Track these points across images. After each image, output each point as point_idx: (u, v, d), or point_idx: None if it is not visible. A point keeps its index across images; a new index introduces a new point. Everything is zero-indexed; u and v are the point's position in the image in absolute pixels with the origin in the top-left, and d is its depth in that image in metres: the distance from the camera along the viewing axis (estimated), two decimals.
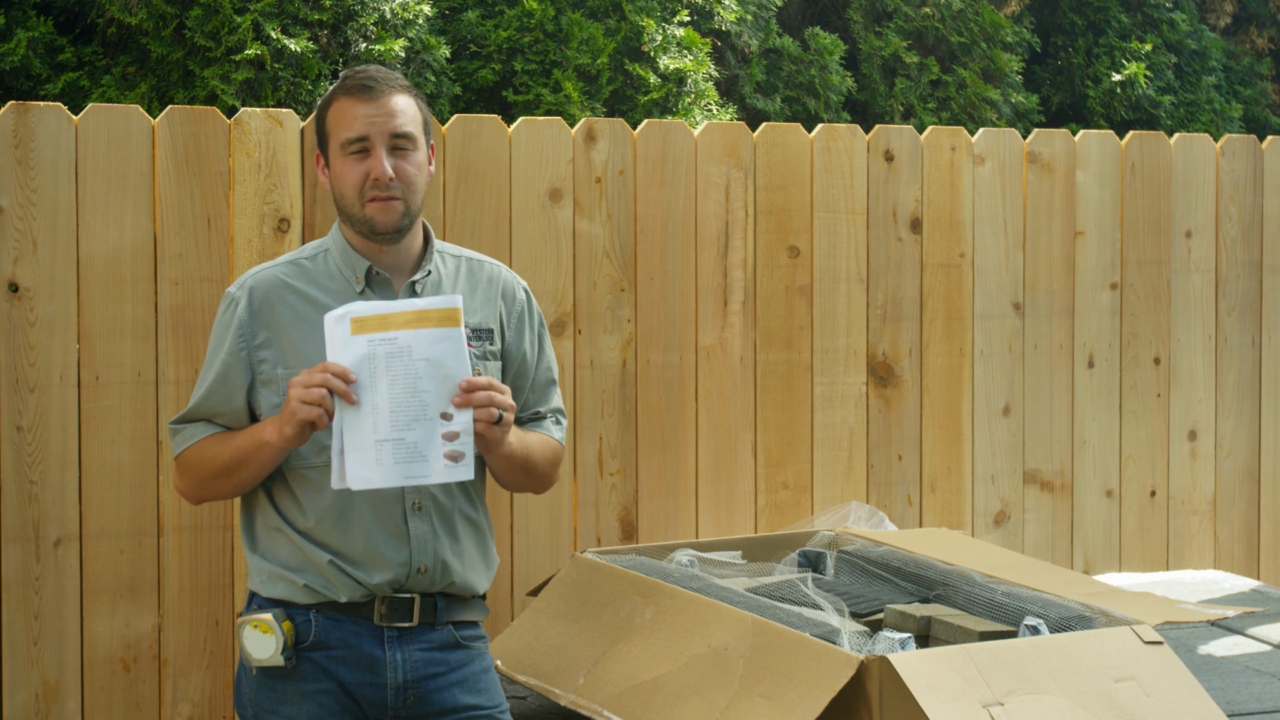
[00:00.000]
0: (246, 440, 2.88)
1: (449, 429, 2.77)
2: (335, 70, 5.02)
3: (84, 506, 3.72)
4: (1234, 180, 5.04)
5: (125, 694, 3.76)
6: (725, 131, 4.36)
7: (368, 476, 2.76)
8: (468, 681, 3.00)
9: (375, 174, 2.89)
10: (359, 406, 2.74)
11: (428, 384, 2.75)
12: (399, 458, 2.75)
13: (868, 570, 3.85)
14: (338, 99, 2.94)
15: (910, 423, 4.59)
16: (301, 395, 2.74)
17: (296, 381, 2.76)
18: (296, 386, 2.75)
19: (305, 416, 2.74)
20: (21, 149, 3.65)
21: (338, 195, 2.96)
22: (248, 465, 2.89)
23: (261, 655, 2.90)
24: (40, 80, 5.05)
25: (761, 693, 3.12)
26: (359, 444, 2.75)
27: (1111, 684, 3.11)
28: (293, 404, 2.75)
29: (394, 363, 2.74)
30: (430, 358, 2.76)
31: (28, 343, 3.67)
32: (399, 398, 2.74)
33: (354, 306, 2.77)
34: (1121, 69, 6.57)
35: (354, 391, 2.73)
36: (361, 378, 2.74)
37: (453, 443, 2.77)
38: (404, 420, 2.75)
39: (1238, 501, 5.06)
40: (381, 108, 2.90)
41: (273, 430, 2.81)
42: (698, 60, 5.53)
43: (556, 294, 4.15)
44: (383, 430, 2.74)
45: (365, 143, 2.90)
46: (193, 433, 2.96)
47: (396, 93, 2.92)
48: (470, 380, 2.77)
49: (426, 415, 2.75)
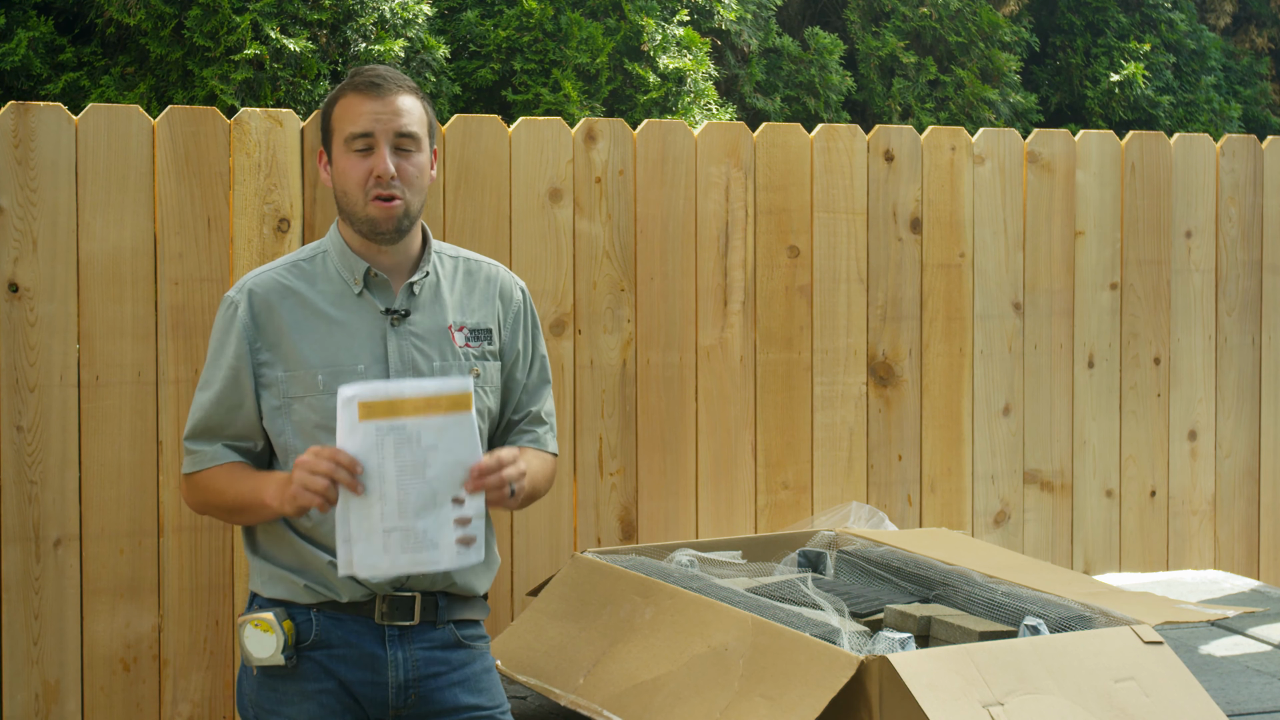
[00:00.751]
0: (249, 493, 2.88)
1: (461, 514, 2.74)
2: (335, 70, 5.02)
3: (84, 506, 3.71)
4: (1234, 180, 5.04)
5: (125, 694, 3.76)
6: (725, 131, 4.36)
7: (375, 564, 2.72)
8: (469, 681, 3.00)
9: (378, 171, 2.89)
10: (366, 495, 2.69)
11: (437, 471, 2.70)
12: (407, 546, 2.70)
13: (868, 570, 3.85)
14: (345, 95, 2.94)
15: (910, 423, 4.60)
16: (305, 481, 2.71)
17: (303, 463, 2.72)
18: (302, 469, 2.72)
19: (305, 503, 2.73)
20: (21, 149, 3.65)
21: (339, 192, 2.96)
22: (246, 514, 2.92)
23: (262, 654, 2.90)
24: (40, 80, 5.05)
25: (761, 693, 3.12)
26: (366, 531, 2.70)
27: (1111, 684, 3.11)
28: (294, 487, 2.73)
29: (403, 450, 2.69)
30: (440, 445, 2.70)
31: (28, 343, 3.67)
32: (408, 486, 2.69)
33: (362, 389, 2.71)
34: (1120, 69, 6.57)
35: (361, 482, 2.69)
36: (369, 465, 2.69)
37: (464, 528, 2.75)
38: (412, 509, 2.70)
39: (1238, 501, 5.06)
40: (388, 106, 2.91)
41: (274, 496, 2.81)
42: (697, 60, 5.53)
43: (556, 294, 4.15)
44: (390, 519, 2.70)
45: (370, 139, 2.90)
46: (206, 457, 2.94)
47: (404, 93, 2.93)
48: (480, 466, 2.74)
49: (436, 503, 2.71)
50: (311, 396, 2.90)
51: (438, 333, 2.99)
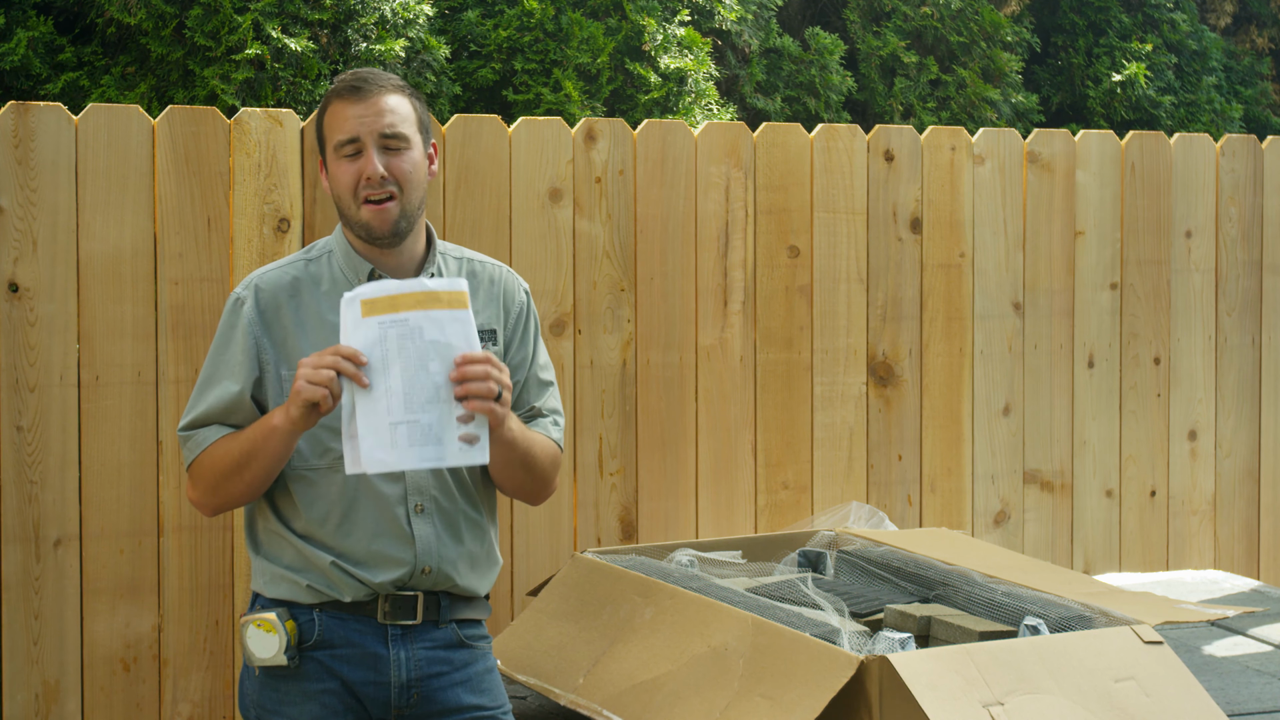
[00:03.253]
0: (255, 430, 2.85)
1: (463, 412, 2.73)
2: (335, 70, 5.02)
3: (84, 506, 3.72)
4: (1234, 180, 5.04)
5: (125, 694, 3.76)
6: (725, 131, 4.36)
7: (383, 459, 2.70)
8: (471, 681, 3.00)
9: (366, 173, 2.89)
10: (371, 389, 2.69)
11: (439, 366, 2.71)
12: (414, 440, 2.70)
13: (868, 570, 3.85)
14: (332, 103, 2.95)
15: (910, 423, 4.59)
16: (309, 375, 2.71)
17: (306, 362, 2.73)
18: (305, 367, 2.72)
19: (310, 396, 2.71)
20: (21, 149, 3.65)
21: (336, 198, 2.96)
22: (258, 457, 2.85)
23: (265, 655, 2.90)
24: (40, 80, 5.05)
25: (761, 693, 3.13)
26: (373, 426, 2.70)
27: (1111, 684, 3.11)
28: (299, 383, 2.72)
29: (405, 345, 2.70)
30: (441, 339, 2.72)
31: (28, 343, 3.67)
32: (412, 380, 2.70)
33: (365, 289, 2.73)
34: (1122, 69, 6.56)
35: (365, 374, 2.69)
36: (373, 360, 2.70)
37: (467, 425, 2.74)
38: (418, 402, 2.70)
39: (1238, 501, 5.06)
40: (371, 107, 2.90)
41: (280, 414, 2.79)
42: (698, 60, 5.53)
43: (556, 294, 4.15)
44: (397, 412, 2.69)
45: (357, 144, 2.90)
46: (204, 437, 2.94)
47: (387, 93, 2.92)
48: (467, 355, 2.73)
49: (440, 398, 2.71)
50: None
51: None
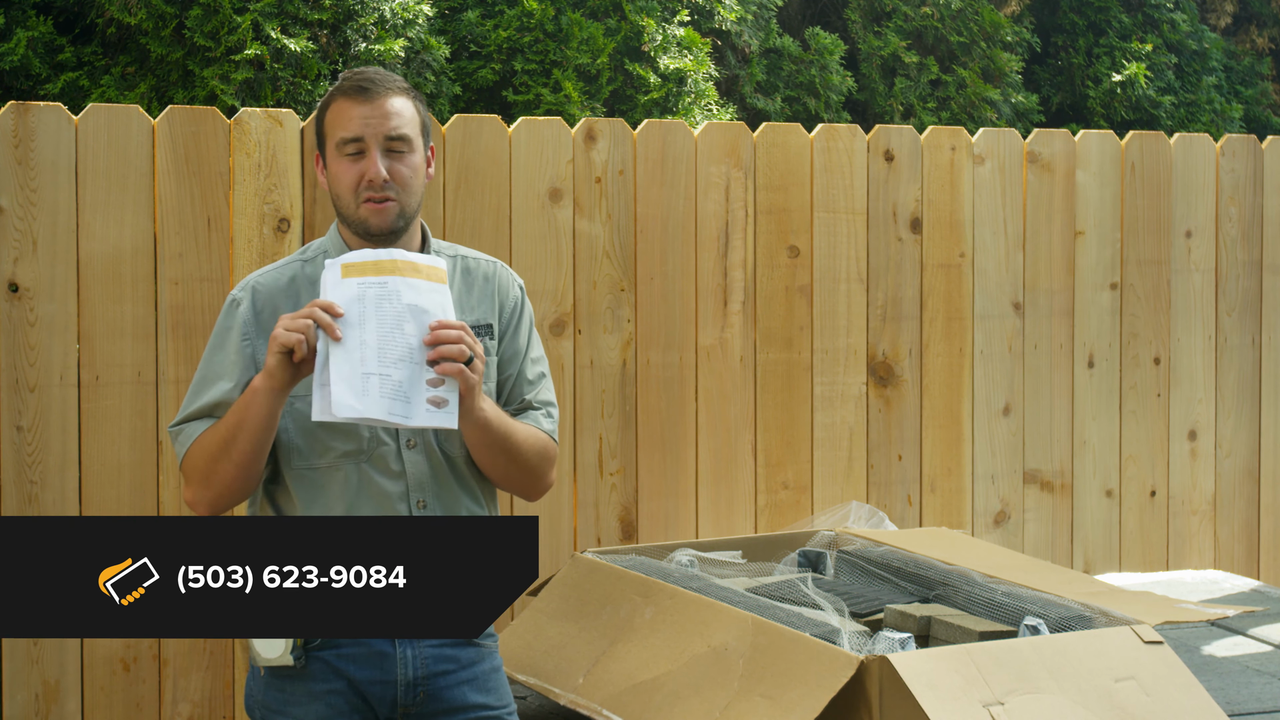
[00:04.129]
0: (238, 403, 2.86)
1: (434, 376, 2.78)
2: (335, 70, 5.02)
3: (84, 506, 3.71)
4: (1234, 180, 5.04)
5: (125, 694, 3.76)
6: (725, 131, 4.36)
7: (352, 405, 2.73)
8: (478, 680, 3.00)
9: (369, 175, 2.90)
10: (345, 341, 2.74)
11: (414, 329, 2.77)
12: (384, 393, 2.74)
13: (868, 570, 3.85)
14: (336, 100, 2.96)
15: (910, 423, 4.59)
16: (286, 323, 2.75)
17: (284, 318, 2.77)
18: (283, 319, 2.76)
19: (285, 341, 2.74)
20: (21, 149, 3.65)
21: (334, 196, 2.97)
22: (244, 427, 2.84)
23: (271, 655, 2.89)
24: (40, 80, 5.05)
25: (761, 692, 3.12)
26: (345, 374, 2.74)
27: (1112, 684, 3.11)
28: (276, 330, 2.76)
29: (383, 305, 2.76)
30: (418, 304, 2.77)
31: (28, 343, 3.67)
32: (387, 337, 2.75)
33: (346, 255, 2.80)
34: (1122, 69, 6.56)
35: (339, 326, 2.74)
36: (350, 316, 2.75)
37: (437, 389, 2.78)
38: (391, 359, 2.75)
39: (1238, 501, 5.06)
40: (377, 109, 2.91)
41: (260, 376, 2.82)
42: (698, 60, 5.53)
43: (556, 294, 4.15)
44: (370, 364, 2.74)
45: (360, 144, 2.91)
46: (192, 430, 2.95)
47: (393, 95, 2.93)
48: (442, 320, 2.78)
49: (413, 359, 2.76)
50: (312, 395, 2.91)
51: None
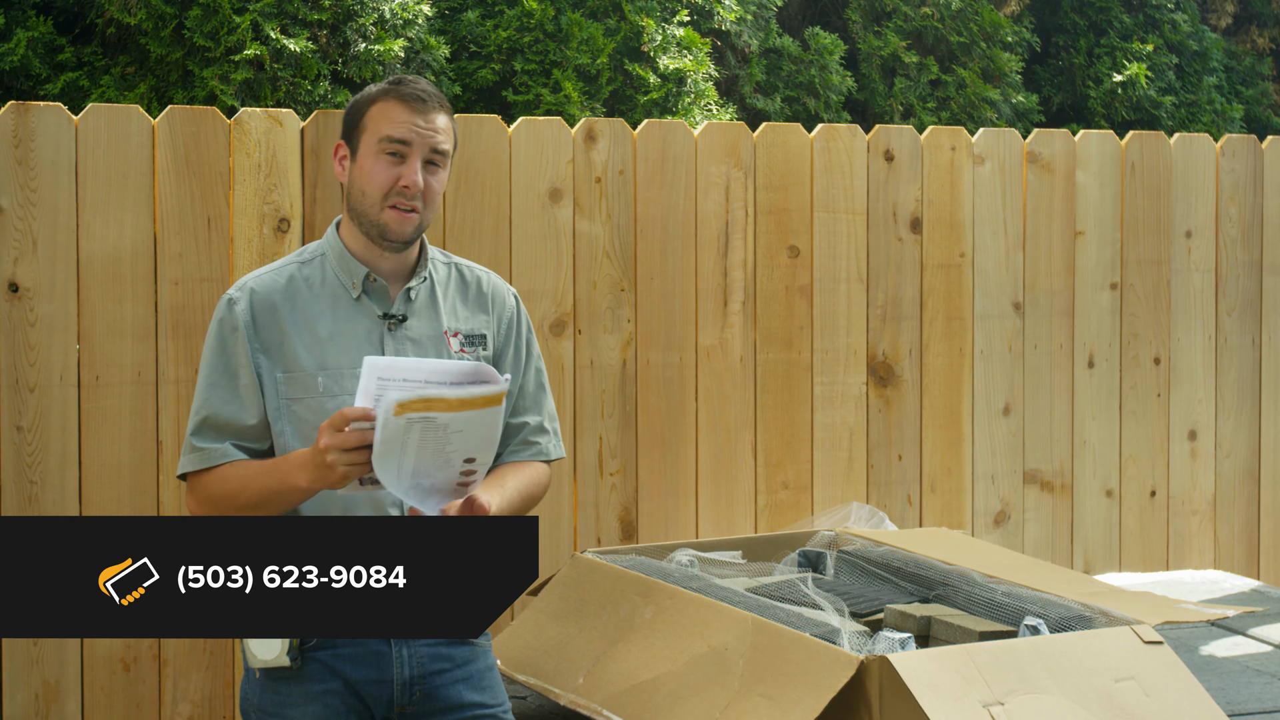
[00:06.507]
0: (275, 480, 2.85)
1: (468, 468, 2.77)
2: (335, 70, 5.02)
3: (84, 506, 3.71)
4: (1234, 180, 5.04)
5: (125, 694, 3.76)
6: (725, 131, 4.36)
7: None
8: (473, 679, 3.01)
9: (405, 181, 2.91)
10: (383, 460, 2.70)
11: (456, 446, 2.73)
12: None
13: (868, 570, 3.85)
14: (387, 98, 2.95)
15: (910, 423, 4.59)
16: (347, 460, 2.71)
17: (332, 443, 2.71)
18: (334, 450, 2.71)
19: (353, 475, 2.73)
20: (21, 149, 3.65)
21: (357, 191, 2.95)
22: (274, 504, 2.86)
23: (267, 656, 2.89)
24: (40, 80, 5.05)
25: (761, 692, 3.12)
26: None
27: (1111, 684, 3.11)
28: (332, 457, 2.71)
29: (428, 435, 2.70)
30: (464, 430, 2.73)
31: (28, 343, 3.67)
32: (425, 460, 2.72)
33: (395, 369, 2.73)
34: (1123, 69, 6.56)
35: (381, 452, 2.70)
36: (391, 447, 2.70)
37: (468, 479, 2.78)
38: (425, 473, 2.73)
39: (1238, 501, 5.06)
40: (430, 122, 2.94)
41: (305, 477, 2.79)
42: (697, 60, 5.52)
43: (556, 294, 4.15)
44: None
45: (406, 148, 2.92)
46: (216, 454, 2.91)
47: (443, 112, 2.98)
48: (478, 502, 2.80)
49: (449, 464, 2.74)
50: (311, 399, 2.91)
51: (433, 338, 3.00)
